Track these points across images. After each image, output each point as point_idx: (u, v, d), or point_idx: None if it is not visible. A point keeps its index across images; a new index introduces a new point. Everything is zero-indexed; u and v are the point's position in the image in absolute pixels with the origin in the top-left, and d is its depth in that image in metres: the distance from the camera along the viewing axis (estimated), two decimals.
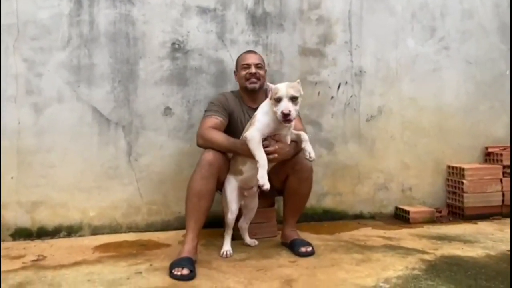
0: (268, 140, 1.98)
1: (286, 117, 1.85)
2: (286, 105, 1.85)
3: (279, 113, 1.86)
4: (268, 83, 2.02)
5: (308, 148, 2.01)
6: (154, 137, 2.61)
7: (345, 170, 2.88)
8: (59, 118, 2.49)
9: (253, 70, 2.28)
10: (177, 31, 2.64)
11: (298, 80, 2.00)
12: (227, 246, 2.12)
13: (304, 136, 2.05)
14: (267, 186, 1.85)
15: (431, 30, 3.03)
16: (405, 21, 2.98)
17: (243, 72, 2.30)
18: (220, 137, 2.11)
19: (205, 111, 2.30)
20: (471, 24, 3.10)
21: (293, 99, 1.88)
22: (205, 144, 2.12)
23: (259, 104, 2.14)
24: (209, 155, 2.04)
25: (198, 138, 2.18)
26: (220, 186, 2.14)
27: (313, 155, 2.01)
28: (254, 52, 2.41)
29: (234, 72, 2.45)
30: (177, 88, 2.64)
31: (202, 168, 2.01)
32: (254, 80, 2.28)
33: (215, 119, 2.20)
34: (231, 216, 2.11)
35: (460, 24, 3.08)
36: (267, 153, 1.95)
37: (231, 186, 2.11)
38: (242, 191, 2.14)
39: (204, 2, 2.67)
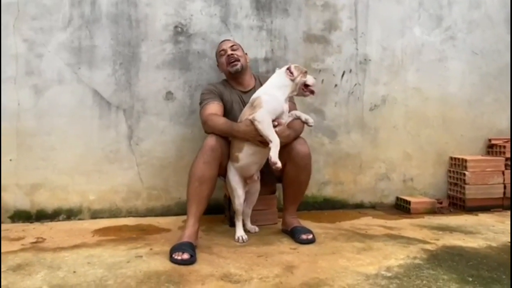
0: None
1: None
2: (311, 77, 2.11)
3: (311, 81, 2.09)
4: (291, 64, 2.08)
5: (304, 116, 2.13)
6: (155, 121, 2.58)
7: (347, 159, 2.86)
8: (59, 100, 2.46)
9: (229, 52, 2.30)
10: (180, 14, 2.59)
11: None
12: (240, 231, 2.11)
13: (296, 111, 2.17)
14: (279, 164, 1.87)
15: (437, 19, 2.98)
16: (412, 9, 2.93)
17: (222, 59, 2.33)
18: (219, 121, 2.10)
19: (200, 103, 2.28)
20: (478, 14, 3.05)
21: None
22: (209, 130, 2.11)
23: (249, 87, 2.29)
24: (212, 140, 2.01)
25: (203, 125, 2.17)
26: (222, 172, 2.12)
27: (311, 120, 2.12)
28: (228, 40, 2.46)
29: (217, 65, 2.44)
30: (179, 73, 2.60)
31: (205, 153, 1.99)
32: (233, 60, 2.28)
33: (212, 104, 2.21)
34: (238, 201, 2.10)
35: (467, 13, 3.03)
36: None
37: (233, 172, 2.10)
38: (244, 179, 2.12)
39: None
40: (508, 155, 2.90)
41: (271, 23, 2.71)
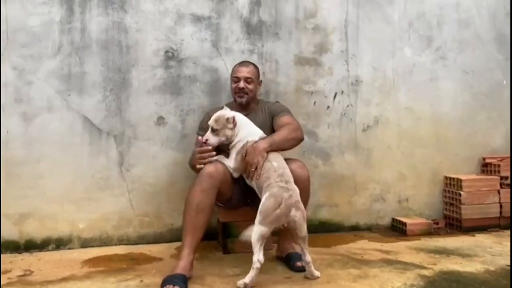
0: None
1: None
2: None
3: None
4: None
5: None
6: (146, 147, 2.55)
7: (342, 181, 2.84)
8: (49, 127, 2.43)
9: (241, 85, 2.29)
10: (171, 39, 2.59)
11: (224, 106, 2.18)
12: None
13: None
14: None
15: (428, 40, 3.00)
16: (402, 30, 2.95)
17: (233, 85, 2.34)
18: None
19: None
20: (468, 34, 3.08)
21: (214, 130, 2.03)
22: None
23: (249, 110, 2.31)
24: (210, 167, 1.98)
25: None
26: (219, 199, 2.07)
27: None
28: (247, 65, 2.37)
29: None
30: (171, 97, 2.58)
31: (203, 181, 1.95)
32: (242, 94, 2.30)
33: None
34: None
35: (457, 33, 3.05)
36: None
37: None
38: None
39: (199, 10, 2.63)
40: (503, 173, 2.89)
41: (262, 47, 2.72)
